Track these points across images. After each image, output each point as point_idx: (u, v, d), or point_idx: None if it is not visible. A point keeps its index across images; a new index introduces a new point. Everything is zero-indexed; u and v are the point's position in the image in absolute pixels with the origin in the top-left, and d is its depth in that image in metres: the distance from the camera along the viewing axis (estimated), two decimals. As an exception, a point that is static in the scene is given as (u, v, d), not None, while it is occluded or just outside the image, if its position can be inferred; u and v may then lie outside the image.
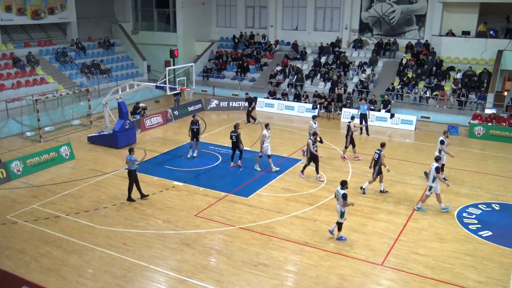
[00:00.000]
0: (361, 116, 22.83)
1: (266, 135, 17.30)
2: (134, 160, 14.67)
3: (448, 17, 28.81)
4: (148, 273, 11.23)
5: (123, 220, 13.83)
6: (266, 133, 17.33)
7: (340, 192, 12.33)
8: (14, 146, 20.70)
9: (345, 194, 12.26)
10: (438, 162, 14.35)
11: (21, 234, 13.03)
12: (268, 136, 17.39)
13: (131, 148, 15.00)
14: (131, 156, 14.68)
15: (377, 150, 15.58)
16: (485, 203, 15.16)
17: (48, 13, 29.37)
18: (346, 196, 12.26)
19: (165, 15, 36.28)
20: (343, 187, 12.38)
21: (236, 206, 14.78)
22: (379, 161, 15.34)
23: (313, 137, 16.72)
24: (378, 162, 15.39)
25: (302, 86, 29.44)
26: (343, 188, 12.37)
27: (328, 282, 10.86)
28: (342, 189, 12.34)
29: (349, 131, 18.91)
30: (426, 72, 27.56)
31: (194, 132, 18.79)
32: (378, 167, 15.42)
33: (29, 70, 26.80)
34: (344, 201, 12.21)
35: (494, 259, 11.90)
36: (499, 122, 23.15)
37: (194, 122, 18.79)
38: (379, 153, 15.39)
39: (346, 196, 12.26)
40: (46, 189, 16.15)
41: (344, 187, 12.38)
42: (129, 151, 14.87)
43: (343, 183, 12.43)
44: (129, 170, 14.80)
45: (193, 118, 18.98)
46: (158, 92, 29.03)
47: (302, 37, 33.50)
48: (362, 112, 22.83)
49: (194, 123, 18.78)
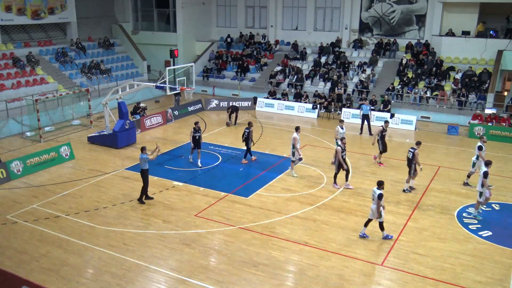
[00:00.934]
0: (363, 116, 22.82)
1: (296, 138, 16.75)
2: (146, 158, 14.62)
3: (448, 17, 28.81)
4: (148, 273, 11.23)
5: (123, 220, 13.83)
6: (297, 136, 16.80)
7: (376, 192, 12.32)
8: (14, 146, 20.70)
9: (381, 194, 12.27)
10: (488, 166, 14.00)
11: (21, 234, 13.03)
12: (298, 139, 16.89)
13: (143, 146, 14.96)
14: (143, 154, 14.64)
15: (411, 148, 15.73)
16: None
17: (48, 13, 29.37)
18: (381, 196, 12.27)
19: (165, 15, 36.28)
20: (380, 187, 12.37)
21: (236, 206, 14.78)
22: (413, 159, 15.40)
23: (341, 143, 16.08)
24: (412, 160, 15.45)
25: (302, 86, 29.44)
26: (379, 188, 12.36)
27: (328, 282, 10.86)
28: (379, 189, 12.33)
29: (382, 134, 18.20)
30: (426, 72, 27.56)
31: (196, 140, 17.98)
32: (414, 165, 15.50)
33: (29, 70, 26.81)
34: (378, 201, 12.22)
35: (494, 259, 11.90)
36: (499, 122, 23.15)
37: (197, 130, 17.98)
38: (413, 151, 15.47)
39: (381, 196, 12.27)
40: (46, 189, 16.15)
41: (381, 187, 12.37)
42: (141, 150, 14.83)
43: (380, 183, 12.44)
44: (142, 170, 14.77)
45: (196, 126, 18.13)
46: (158, 92, 29.04)
47: (302, 37, 33.52)
48: (364, 113, 22.79)
49: (196, 130, 17.96)
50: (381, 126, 18.50)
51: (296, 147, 16.81)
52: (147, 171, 14.86)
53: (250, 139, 18.46)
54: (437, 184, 16.35)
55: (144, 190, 14.95)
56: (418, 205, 14.95)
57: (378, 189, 12.36)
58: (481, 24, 27.43)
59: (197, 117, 25.57)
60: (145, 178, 14.82)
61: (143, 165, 14.73)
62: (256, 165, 18.40)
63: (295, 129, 17.27)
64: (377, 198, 12.25)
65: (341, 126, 18.29)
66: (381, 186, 12.40)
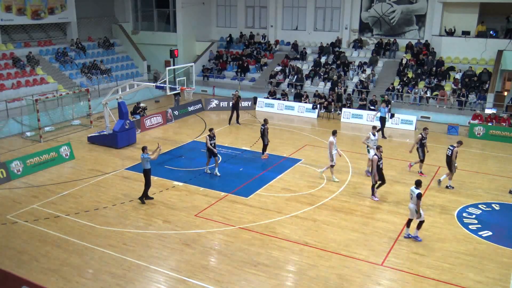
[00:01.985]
0: (381, 119, 22.39)
1: (333, 142, 16.34)
2: (148, 157, 14.61)
3: (448, 17, 28.82)
4: (148, 273, 11.23)
5: (123, 220, 13.83)
6: (333, 140, 16.37)
7: (415, 192, 12.29)
8: (14, 146, 20.70)
9: (419, 193, 12.24)
10: None
11: (21, 234, 13.03)
12: (335, 143, 16.45)
13: (144, 146, 14.95)
14: (144, 154, 14.64)
15: (450, 146, 15.86)
16: (485, 203, 15.15)
17: (48, 13, 29.38)
18: (420, 196, 12.25)
19: (165, 15, 36.28)
20: (418, 186, 12.35)
21: (236, 206, 14.78)
22: (451, 157, 15.52)
23: (378, 152, 14.81)
24: (451, 157, 15.57)
25: (302, 86, 29.44)
26: (417, 187, 12.34)
27: (328, 282, 10.86)
28: (417, 189, 12.31)
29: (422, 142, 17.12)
30: (426, 72, 27.56)
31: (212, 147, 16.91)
32: (453, 163, 15.61)
33: (29, 70, 26.81)
34: (417, 201, 12.20)
35: (494, 259, 11.90)
36: (499, 122, 23.15)
37: (212, 137, 16.96)
38: (452, 149, 15.58)
39: (420, 195, 12.25)
40: (46, 189, 16.15)
41: (419, 186, 12.36)
42: (142, 150, 14.82)
43: (418, 182, 12.41)
44: (144, 169, 14.76)
45: (210, 132, 17.08)
46: (158, 92, 29.04)
47: (302, 37, 33.51)
48: (382, 115, 22.34)
49: (211, 137, 16.94)
50: (420, 133, 17.35)
51: (331, 152, 16.34)
52: (150, 171, 14.85)
53: (265, 135, 18.72)
54: (437, 184, 16.34)
55: (145, 190, 14.95)
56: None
57: (417, 189, 12.31)
58: (481, 24, 27.43)
59: (197, 117, 25.58)
60: (147, 178, 14.81)
61: (145, 164, 14.72)
62: (256, 165, 18.40)
63: (332, 133, 16.67)
64: (416, 197, 12.22)
65: (373, 133, 17.08)
66: (419, 185, 12.35)
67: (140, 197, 14.96)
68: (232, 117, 24.33)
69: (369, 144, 16.89)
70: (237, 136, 22.47)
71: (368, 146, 17.00)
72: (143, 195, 14.96)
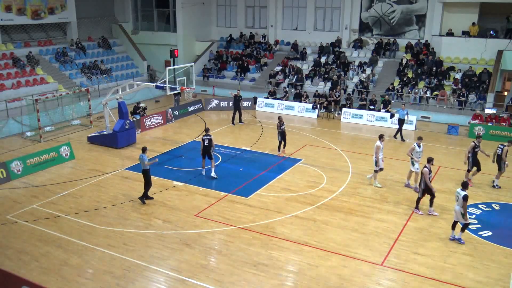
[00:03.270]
0: (399, 121, 22.03)
1: (380, 147, 15.82)
2: (144, 159, 14.57)
3: (448, 17, 28.81)
4: (148, 273, 11.23)
5: (123, 220, 13.83)
6: (380, 144, 15.87)
7: (461, 194, 12.20)
8: (14, 146, 20.70)
9: (466, 195, 12.13)
10: None
11: (21, 234, 13.03)
12: (382, 148, 15.94)
13: (144, 147, 14.95)
14: (143, 155, 14.62)
15: (500, 144, 15.95)
16: (485, 203, 15.16)
17: (48, 13, 29.37)
18: (467, 198, 12.13)
19: (165, 15, 36.28)
20: (464, 188, 12.27)
21: (236, 206, 14.78)
22: (501, 155, 15.57)
23: (429, 165, 13.98)
24: (500, 157, 15.61)
25: (302, 86, 29.44)
26: (464, 189, 12.26)
27: (328, 282, 10.86)
28: (463, 191, 12.23)
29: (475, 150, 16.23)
30: (426, 72, 27.56)
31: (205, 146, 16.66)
32: (503, 162, 15.67)
33: (29, 70, 26.81)
34: (463, 202, 12.10)
35: (494, 259, 11.90)
36: (499, 122, 23.15)
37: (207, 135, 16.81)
38: (502, 148, 15.67)
39: (467, 197, 12.13)
40: (46, 189, 16.15)
41: (465, 188, 12.25)
42: (142, 150, 14.79)
43: (465, 184, 12.34)
44: (143, 170, 14.73)
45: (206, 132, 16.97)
46: (158, 92, 29.03)
47: (302, 37, 33.50)
48: (401, 118, 21.91)
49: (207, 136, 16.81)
50: (473, 141, 16.45)
51: (377, 156, 15.86)
52: (149, 171, 14.84)
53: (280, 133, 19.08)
54: (437, 184, 16.32)
55: (146, 190, 14.94)
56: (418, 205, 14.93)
57: (463, 191, 12.22)
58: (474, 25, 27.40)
59: (197, 117, 25.58)
60: (148, 178, 14.79)
61: (142, 165, 14.73)
62: (256, 165, 18.39)
63: (379, 137, 16.18)
64: (462, 199, 12.11)
65: (418, 144, 15.85)
66: (465, 187, 12.24)
67: (141, 197, 14.95)
68: (234, 116, 24.35)
69: (413, 157, 15.77)
70: (237, 136, 22.46)
71: (412, 158, 15.81)
72: (144, 195, 14.96)
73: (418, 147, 15.77)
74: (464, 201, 12.11)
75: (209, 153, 16.76)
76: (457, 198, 12.42)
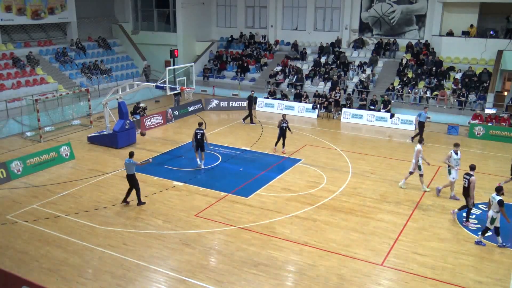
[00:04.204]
0: (419, 124, 21.53)
1: (420, 150, 15.56)
2: (134, 163, 14.43)
3: (448, 17, 28.81)
4: (148, 273, 11.23)
5: (123, 220, 13.83)
6: (420, 148, 15.63)
7: (496, 198, 12.05)
8: (14, 146, 20.69)
9: (501, 200, 11.96)
10: None
11: (21, 234, 13.03)
12: (422, 151, 15.67)
13: (131, 152, 14.83)
14: (130, 159, 14.45)
15: None
16: (485, 203, 15.12)
17: (48, 13, 29.36)
18: (502, 202, 11.95)
19: (165, 15, 36.28)
20: (499, 193, 12.10)
21: (236, 206, 14.78)
22: None
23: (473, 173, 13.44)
24: None
25: (302, 86, 29.44)
26: (498, 194, 12.10)
27: (328, 282, 10.86)
28: (498, 195, 12.08)
29: None
30: (426, 72, 27.55)
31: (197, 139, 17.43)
32: None
33: (29, 70, 26.80)
34: (501, 208, 11.95)
35: (494, 259, 11.90)
36: (499, 122, 23.15)
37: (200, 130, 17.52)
38: None
39: (502, 202, 11.95)
40: (46, 189, 16.15)
41: (500, 193, 12.08)
42: (129, 155, 14.64)
43: (499, 189, 12.13)
44: (128, 175, 14.47)
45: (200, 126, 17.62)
46: (158, 92, 29.03)
47: (302, 37, 33.50)
48: (421, 120, 21.26)
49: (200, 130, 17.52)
50: None
51: (417, 160, 15.51)
52: (135, 176, 14.52)
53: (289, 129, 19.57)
54: (437, 184, 16.33)
55: (138, 194, 14.71)
56: (418, 205, 14.93)
57: (498, 195, 12.07)
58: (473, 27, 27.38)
59: (197, 117, 25.57)
60: (135, 182, 14.54)
61: (130, 170, 14.38)
62: (256, 165, 18.39)
63: (419, 141, 16.23)
64: (498, 204, 11.95)
65: (456, 151, 15.09)
66: (500, 192, 12.05)
67: (137, 203, 14.78)
68: (251, 116, 24.55)
69: (451, 164, 15.04)
70: (237, 136, 22.46)
71: (449, 166, 15.07)
72: (139, 200, 14.76)
73: (456, 154, 15.06)
74: (501, 206, 11.92)
75: (202, 146, 17.53)
76: (491, 203, 12.26)
